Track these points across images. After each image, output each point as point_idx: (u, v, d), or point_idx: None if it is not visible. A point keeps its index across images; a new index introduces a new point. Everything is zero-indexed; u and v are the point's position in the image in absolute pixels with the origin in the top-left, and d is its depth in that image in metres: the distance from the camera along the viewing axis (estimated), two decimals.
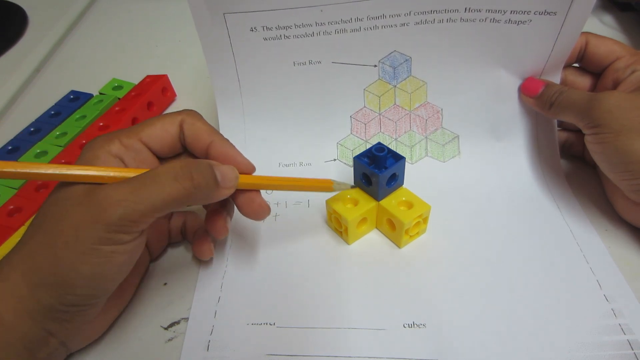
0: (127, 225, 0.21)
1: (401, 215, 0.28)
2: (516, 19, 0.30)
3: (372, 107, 0.35)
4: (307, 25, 0.31)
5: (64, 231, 0.21)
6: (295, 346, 0.25)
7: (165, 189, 0.21)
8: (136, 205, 0.21)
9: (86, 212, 0.21)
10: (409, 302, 0.27)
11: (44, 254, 0.21)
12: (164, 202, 0.21)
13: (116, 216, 0.20)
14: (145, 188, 0.21)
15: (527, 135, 0.35)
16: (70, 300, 0.21)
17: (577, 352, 0.24)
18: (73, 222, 0.21)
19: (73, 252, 0.20)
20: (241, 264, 0.30)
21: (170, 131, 0.25)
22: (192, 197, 0.22)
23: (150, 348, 0.26)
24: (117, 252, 0.21)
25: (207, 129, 0.26)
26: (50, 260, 0.21)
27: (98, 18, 0.59)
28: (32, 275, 0.21)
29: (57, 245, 0.21)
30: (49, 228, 0.21)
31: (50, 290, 0.21)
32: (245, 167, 0.26)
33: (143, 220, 0.21)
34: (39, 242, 0.21)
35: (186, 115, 0.26)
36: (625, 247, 0.29)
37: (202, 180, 0.22)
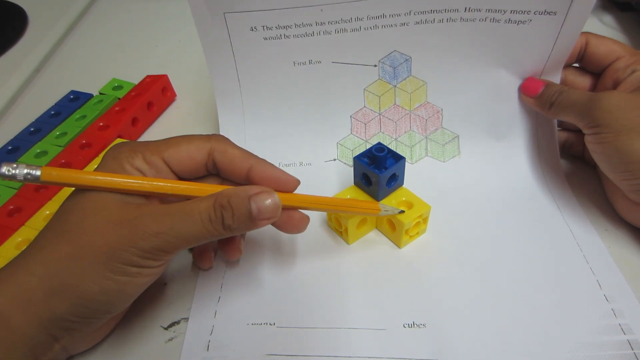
0: (159, 255, 0.22)
1: (401, 216, 0.28)
2: (516, 19, 0.30)
3: (372, 107, 0.35)
4: (307, 24, 0.31)
5: (95, 247, 0.21)
6: (295, 346, 0.25)
7: (199, 228, 0.22)
8: (171, 239, 0.22)
9: (124, 235, 0.21)
10: (409, 302, 0.27)
11: (69, 266, 0.21)
12: (196, 240, 0.22)
13: (152, 246, 0.21)
14: (182, 225, 0.22)
15: (527, 135, 0.35)
16: (84, 313, 0.22)
17: (577, 352, 0.24)
18: (108, 241, 0.21)
19: (101, 269, 0.21)
20: (241, 264, 0.30)
21: (195, 159, 0.25)
22: (225, 235, 0.23)
23: (150, 348, 0.26)
24: (142, 274, 0.22)
25: (241, 154, 0.26)
26: (76, 272, 0.21)
27: (98, 18, 0.59)
28: (50, 283, 0.21)
29: (86, 259, 0.21)
30: (77, 240, 0.21)
31: (67, 301, 0.21)
32: (291, 184, 0.26)
33: (174, 251, 0.22)
34: (65, 253, 0.21)
35: (216, 142, 0.25)
36: (625, 247, 0.29)
37: (233, 223, 0.23)
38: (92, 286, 0.21)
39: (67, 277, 0.21)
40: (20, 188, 0.34)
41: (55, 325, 0.21)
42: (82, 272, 0.21)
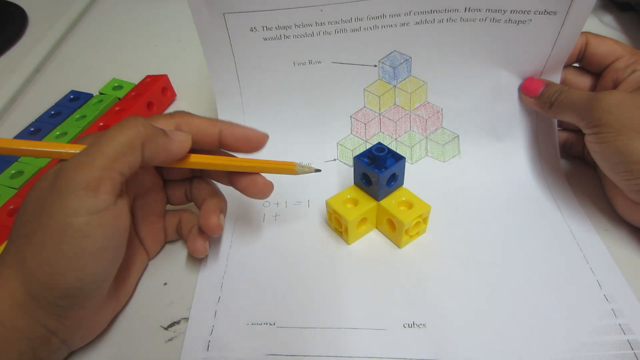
0: (91, 186, 0.20)
1: (401, 215, 0.28)
2: (516, 19, 0.30)
3: (372, 107, 0.35)
4: (307, 25, 0.31)
5: (39, 217, 0.21)
6: (295, 346, 0.25)
7: (115, 137, 0.22)
8: (91, 162, 0.21)
9: (53, 191, 0.21)
10: (409, 302, 0.27)
11: (27, 246, 0.21)
12: (116, 151, 0.21)
13: (76, 179, 0.20)
14: (96, 145, 0.21)
15: (527, 135, 0.35)
16: (61, 289, 0.21)
17: (577, 352, 0.24)
18: (46, 205, 0.21)
19: (52, 234, 0.20)
20: (241, 264, 0.30)
21: None
22: (142, 142, 0.22)
23: (150, 348, 0.26)
24: (92, 223, 0.21)
25: (208, 121, 0.26)
26: (33, 250, 0.20)
27: (98, 18, 0.59)
28: (23, 272, 0.21)
29: (36, 232, 0.21)
30: (28, 219, 0.22)
31: (40, 282, 0.21)
32: (261, 138, 0.27)
33: (104, 175, 0.21)
34: (23, 236, 0.21)
35: (179, 117, 0.26)
36: (625, 247, 0.29)
37: (149, 127, 0.23)
38: (52, 256, 0.20)
39: (31, 258, 0.21)
40: (20, 188, 0.34)
41: (43, 314, 0.21)
42: (38, 248, 0.20)
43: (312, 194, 0.34)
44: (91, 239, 0.21)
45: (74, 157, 0.22)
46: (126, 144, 0.22)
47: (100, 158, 0.21)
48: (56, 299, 0.21)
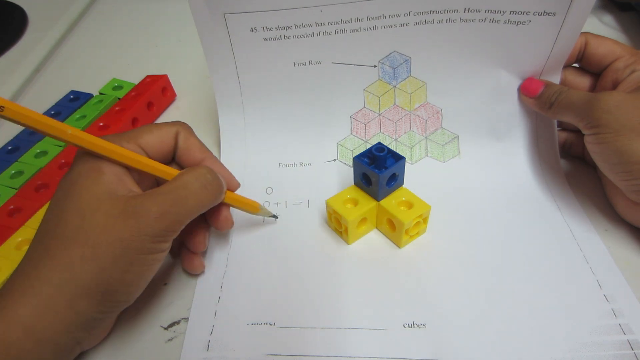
0: (168, 235, 0.23)
1: (401, 215, 0.28)
2: (515, 20, 0.30)
3: (372, 108, 0.35)
4: (307, 25, 0.31)
5: (109, 244, 0.22)
6: (295, 346, 0.25)
7: (198, 197, 0.24)
8: (177, 217, 0.23)
9: (132, 225, 0.22)
10: (409, 302, 0.27)
11: (87, 267, 0.21)
12: (197, 209, 0.24)
13: (162, 229, 0.23)
14: (182, 199, 0.23)
15: (527, 136, 0.35)
16: (108, 307, 0.23)
17: (577, 352, 0.24)
18: (119, 236, 0.22)
19: (120, 264, 0.22)
20: (241, 264, 0.30)
21: (166, 142, 0.27)
22: (215, 199, 0.26)
23: (150, 348, 0.26)
24: (156, 259, 0.23)
25: (200, 145, 0.28)
26: (96, 272, 0.21)
27: (98, 18, 0.59)
28: (72, 288, 0.21)
29: (102, 257, 0.21)
30: (86, 241, 0.21)
31: (92, 300, 0.22)
32: (233, 183, 0.29)
33: (179, 227, 0.24)
34: (78, 257, 0.21)
35: (180, 127, 0.27)
36: (625, 247, 0.29)
37: (218, 190, 0.26)
38: (115, 281, 0.22)
39: (89, 279, 0.21)
40: (20, 188, 0.34)
41: (80, 327, 0.22)
42: (101, 271, 0.21)
43: (312, 194, 0.34)
44: (149, 271, 0.24)
45: (157, 201, 0.23)
46: (205, 206, 0.25)
47: (184, 215, 0.24)
48: (99, 313, 0.22)
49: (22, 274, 0.22)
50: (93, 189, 0.22)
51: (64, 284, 0.21)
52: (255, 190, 0.34)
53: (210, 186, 0.25)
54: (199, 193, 0.24)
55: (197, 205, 0.24)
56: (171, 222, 0.23)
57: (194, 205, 0.24)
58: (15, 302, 0.20)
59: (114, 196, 0.22)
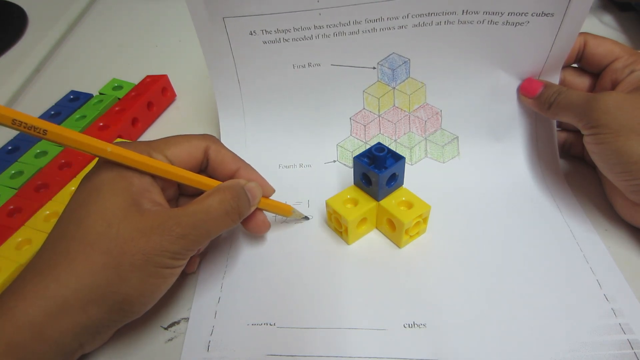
0: (187, 253, 0.24)
1: (401, 215, 0.28)
2: (514, 21, 0.30)
3: (372, 109, 0.35)
4: (306, 28, 0.31)
5: (131, 255, 0.22)
6: (296, 346, 0.25)
7: (219, 222, 0.25)
8: (196, 237, 0.24)
9: (156, 241, 0.22)
10: (409, 302, 0.27)
11: (107, 275, 0.22)
12: (216, 233, 0.25)
13: (181, 247, 0.23)
14: (203, 223, 0.24)
15: (527, 136, 0.35)
16: (120, 316, 0.23)
17: (578, 352, 0.24)
18: (142, 249, 0.22)
19: (140, 275, 0.22)
20: (241, 264, 0.30)
21: (194, 156, 0.27)
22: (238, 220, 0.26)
23: (150, 348, 0.26)
24: (173, 274, 0.24)
25: (232, 155, 0.29)
26: (115, 280, 0.22)
27: (98, 18, 0.59)
28: (88, 294, 0.21)
29: (123, 267, 0.22)
30: (111, 249, 0.22)
31: (105, 308, 0.22)
32: (268, 189, 0.29)
33: (198, 247, 0.24)
34: (101, 264, 0.22)
35: (211, 142, 0.28)
36: (625, 247, 0.29)
37: (244, 210, 0.26)
38: (132, 291, 0.22)
39: (105, 286, 0.22)
40: (20, 188, 0.34)
41: (88, 333, 0.22)
42: (121, 280, 0.22)
43: (312, 194, 0.34)
44: (166, 284, 0.24)
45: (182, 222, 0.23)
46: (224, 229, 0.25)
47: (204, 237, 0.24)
48: (110, 321, 0.23)
49: (36, 273, 0.21)
50: (119, 198, 0.23)
51: (82, 288, 0.21)
52: None
53: (233, 212, 0.25)
54: (221, 219, 0.25)
55: (217, 230, 0.25)
56: (190, 242, 0.23)
57: (213, 229, 0.25)
58: (26, 301, 0.20)
59: (141, 209, 0.23)
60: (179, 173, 0.25)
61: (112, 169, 0.24)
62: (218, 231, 0.25)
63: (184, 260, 0.24)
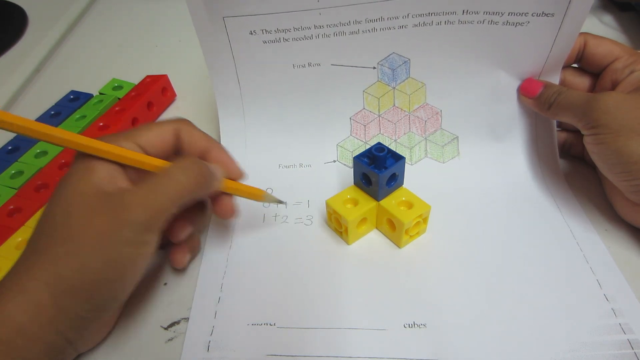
0: (151, 224, 0.22)
1: (401, 215, 0.28)
2: (514, 21, 0.30)
3: (372, 109, 0.35)
4: (306, 28, 0.31)
5: (88, 238, 0.21)
6: (296, 346, 0.25)
7: (179, 182, 0.24)
8: (159, 206, 0.23)
9: (112, 219, 0.22)
10: (409, 302, 0.27)
11: (69, 263, 0.21)
12: (179, 198, 0.24)
13: (143, 219, 0.22)
14: (162, 186, 0.23)
15: (527, 136, 0.35)
16: (94, 305, 0.22)
17: (578, 352, 0.24)
18: (98, 229, 0.21)
19: (101, 259, 0.21)
20: (241, 264, 0.30)
21: (166, 139, 0.27)
22: (199, 188, 0.25)
23: (150, 348, 0.26)
24: (140, 254, 0.23)
25: (204, 136, 0.28)
26: (77, 268, 0.21)
27: (98, 18, 0.59)
28: (57, 285, 0.21)
29: (84, 253, 0.21)
30: (68, 237, 0.21)
31: (76, 297, 0.21)
32: (238, 172, 0.29)
33: (162, 216, 0.23)
34: (63, 252, 0.21)
35: (182, 124, 0.27)
36: (625, 247, 0.29)
37: (205, 171, 0.25)
38: (97, 278, 0.21)
39: (71, 275, 0.21)
40: (20, 188, 0.34)
41: (68, 326, 0.21)
42: (82, 266, 0.21)
43: (312, 194, 0.34)
44: (134, 266, 0.23)
45: (138, 192, 0.23)
46: (187, 190, 0.24)
47: (166, 204, 0.23)
48: (85, 312, 0.22)
49: (15, 273, 0.22)
50: (80, 186, 0.23)
51: (50, 280, 0.21)
52: None
53: (195, 176, 0.24)
54: (182, 182, 0.24)
55: (179, 195, 0.24)
56: (153, 212, 0.22)
57: (175, 194, 0.23)
58: (7, 300, 0.20)
59: (100, 192, 0.22)
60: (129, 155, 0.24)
61: (80, 162, 0.24)
62: (180, 196, 0.24)
63: (150, 235, 0.23)
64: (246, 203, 0.34)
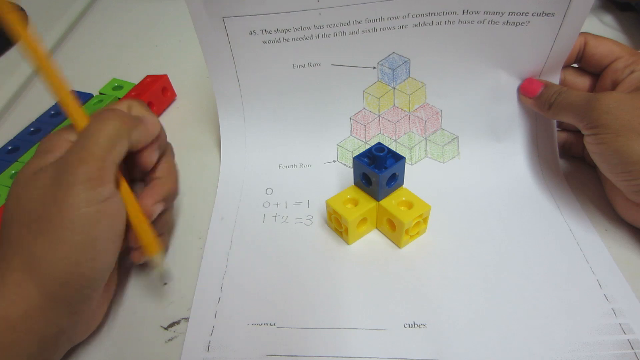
0: (95, 177, 0.22)
1: (401, 215, 0.28)
2: (514, 21, 0.30)
3: (372, 109, 0.35)
4: (306, 28, 0.31)
5: (47, 215, 0.21)
6: (296, 347, 0.25)
7: (104, 128, 0.23)
8: (91, 154, 0.22)
9: (60, 187, 0.21)
10: (410, 302, 0.27)
11: (38, 247, 0.21)
12: (110, 141, 0.23)
13: (81, 172, 0.22)
14: (89, 137, 0.23)
15: (527, 136, 0.35)
16: (77, 283, 0.22)
17: (578, 352, 0.24)
18: (53, 202, 0.21)
19: (64, 229, 0.21)
20: (241, 264, 0.30)
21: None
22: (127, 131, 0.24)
23: (150, 348, 0.26)
24: (101, 211, 0.22)
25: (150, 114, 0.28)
26: (46, 249, 0.21)
27: (98, 18, 0.59)
28: (37, 272, 0.21)
29: (47, 231, 0.21)
30: (31, 220, 0.21)
31: (56, 280, 0.21)
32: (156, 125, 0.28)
33: (104, 166, 0.23)
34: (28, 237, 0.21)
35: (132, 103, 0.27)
36: (625, 247, 0.29)
37: (124, 114, 0.25)
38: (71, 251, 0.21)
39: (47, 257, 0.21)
40: None
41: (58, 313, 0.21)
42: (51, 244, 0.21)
43: (312, 194, 0.34)
44: (101, 226, 0.22)
45: (73, 153, 0.23)
46: (116, 133, 0.24)
47: (98, 150, 0.23)
48: (71, 294, 0.22)
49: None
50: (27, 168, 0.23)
51: (31, 268, 0.21)
52: (255, 191, 0.34)
53: (118, 118, 0.24)
54: (107, 128, 0.23)
55: (110, 139, 0.23)
56: (93, 164, 0.22)
57: (105, 140, 0.23)
58: None
59: (44, 166, 0.23)
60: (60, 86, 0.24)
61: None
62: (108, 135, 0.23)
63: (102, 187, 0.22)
64: (247, 203, 0.34)
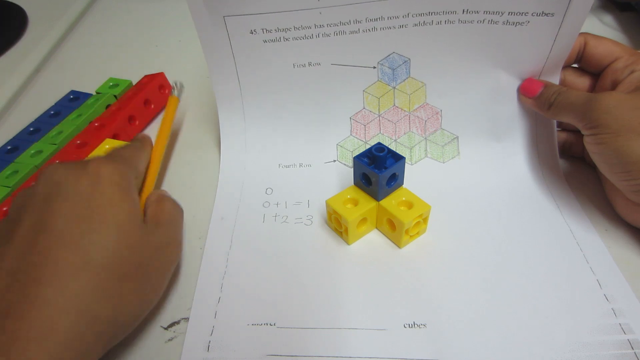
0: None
1: (401, 215, 0.28)
2: (514, 20, 0.30)
3: (372, 109, 0.35)
4: (306, 27, 0.31)
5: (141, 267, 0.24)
6: (296, 346, 0.25)
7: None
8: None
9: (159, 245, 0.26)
10: (410, 302, 0.27)
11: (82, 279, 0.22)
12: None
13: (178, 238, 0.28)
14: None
15: (527, 136, 0.35)
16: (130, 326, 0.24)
17: (578, 352, 0.24)
18: (149, 257, 0.25)
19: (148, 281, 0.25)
20: (241, 264, 0.30)
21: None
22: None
23: (150, 348, 0.26)
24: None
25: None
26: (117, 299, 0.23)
27: (98, 18, 0.59)
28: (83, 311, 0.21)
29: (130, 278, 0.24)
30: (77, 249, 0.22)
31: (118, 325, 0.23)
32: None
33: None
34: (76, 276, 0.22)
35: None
36: (625, 247, 0.29)
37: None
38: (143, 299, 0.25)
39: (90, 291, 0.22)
40: (16, 187, 0.33)
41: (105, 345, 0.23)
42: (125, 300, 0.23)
43: (312, 194, 0.34)
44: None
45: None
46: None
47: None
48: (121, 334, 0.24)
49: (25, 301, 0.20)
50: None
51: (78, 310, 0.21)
52: (255, 191, 0.34)
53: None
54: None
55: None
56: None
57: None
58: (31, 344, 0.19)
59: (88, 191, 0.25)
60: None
61: None
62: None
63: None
64: (247, 203, 0.34)
